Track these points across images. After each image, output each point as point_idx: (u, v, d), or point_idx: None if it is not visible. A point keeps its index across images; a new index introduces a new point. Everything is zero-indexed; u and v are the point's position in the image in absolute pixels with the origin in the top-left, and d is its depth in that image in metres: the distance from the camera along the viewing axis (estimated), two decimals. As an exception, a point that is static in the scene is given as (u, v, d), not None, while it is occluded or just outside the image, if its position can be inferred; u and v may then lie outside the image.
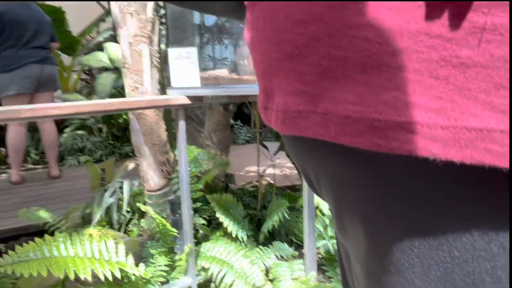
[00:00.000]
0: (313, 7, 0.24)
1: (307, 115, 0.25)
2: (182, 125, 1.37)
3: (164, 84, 1.91)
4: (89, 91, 4.19)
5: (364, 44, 0.22)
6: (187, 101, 1.32)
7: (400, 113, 0.21)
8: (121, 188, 1.85)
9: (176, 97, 1.31)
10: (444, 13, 0.19)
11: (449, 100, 0.19)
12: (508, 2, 0.18)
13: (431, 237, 0.22)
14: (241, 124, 4.69)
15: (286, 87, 0.26)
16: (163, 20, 1.84)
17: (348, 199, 0.26)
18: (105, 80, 3.47)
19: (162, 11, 1.86)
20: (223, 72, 1.44)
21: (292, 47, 0.25)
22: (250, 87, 1.30)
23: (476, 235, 0.21)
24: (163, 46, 2.18)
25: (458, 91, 0.19)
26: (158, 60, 1.74)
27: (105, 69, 3.59)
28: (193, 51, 1.34)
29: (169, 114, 2.23)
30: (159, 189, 1.72)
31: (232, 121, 4.30)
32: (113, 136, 3.77)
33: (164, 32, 2.15)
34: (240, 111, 4.70)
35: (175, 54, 1.33)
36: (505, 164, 0.18)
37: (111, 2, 1.70)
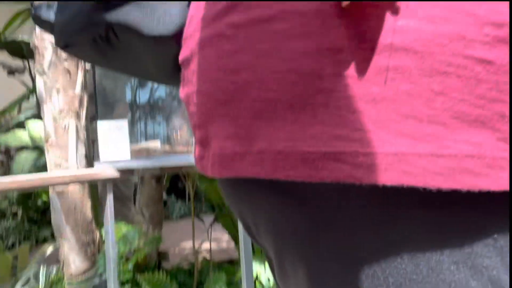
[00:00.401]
0: (242, 57, 0.26)
1: (243, 156, 0.26)
2: (110, 199, 1.30)
3: (90, 159, 1.83)
4: (4, 172, 3.82)
5: (290, 87, 0.24)
6: (116, 174, 1.27)
7: (327, 145, 0.23)
8: (37, 276, 1.64)
9: (104, 170, 1.26)
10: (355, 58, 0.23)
11: (366, 130, 0.22)
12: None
13: (365, 266, 0.23)
14: (175, 199, 4.55)
15: (222, 133, 0.28)
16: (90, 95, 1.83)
17: (287, 241, 0.27)
18: (24, 160, 3.22)
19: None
20: (155, 143, 1.43)
21: (225, 94, 0.27)
22: (184, 157, 1.30)
23: (406, 258, 0.22)
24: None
25: (373, 123, 0.22)
26: (84, 134, 1.69)
27: (24, 148, 3.35)
28: (123, 123, 1.33)
29: (95, 190, 2.11)
30: (82, 273, 1.55)
31: (165, 196, 4.17)
32: (30, 219, 3.40)
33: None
34: (174, 185, 4.59)
35: (104, 126, 1.31)
36: (420, 183, 0.20)
37: (37, 79, 1.66)
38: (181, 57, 0.32)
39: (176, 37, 0.33)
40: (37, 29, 1.60)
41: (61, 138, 1.59)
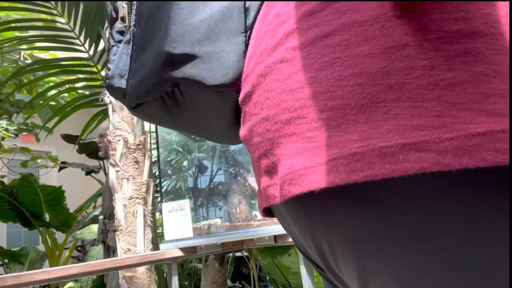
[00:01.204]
0: (305, 74, 0.26)
1: (314, 168, 0.25)
2: (175, 280, 1.29)
3: (157, 244, 1.88)
4: (80, 268, 3.99)
5: (357, 89, 0.24)
6: (180, 254, 1.29)
7: (405, 136, 0.22)
8: None
9: (169, 250, 1.28)
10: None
11: (447, 115, 0.21)
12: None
13: (469, 263, 0.21)
14: (241, 285, 4.37)
15: (290, 152, 0.27)
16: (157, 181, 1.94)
17: (369, 253, 0.25)
18: (97, 252, 3.38)
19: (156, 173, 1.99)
20: (215, 221, 1.45)
21: (290, 112, 0.27)
22: (244, 232, 1.29)
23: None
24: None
25: (453, 106, 0.21)
26: (151, 219, 1.76)
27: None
28: (185, 203, 1.38)
29: (160, 276, 2.11)
30: None
31: (230, 283, 4.03)
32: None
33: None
34: (238, 271, 4.45)
35: (168, 207, 1.37)
36: None
37: (110, 172, 1.83)
38: (241, 95, 0.34)
39: (236, 84, 0.36)
40: (111, 126, 1.81)
41: (130, 225, 1.68)
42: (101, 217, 2.40)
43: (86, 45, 2.15)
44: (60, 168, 3.31)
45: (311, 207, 0.28)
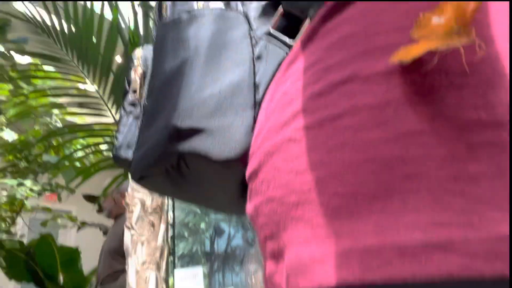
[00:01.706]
0: (313, 156, 0.25)
1: (324, 260, 0.22)
2: None
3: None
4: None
5: (370, 176, 0.22)
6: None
7: (427, 234, 0.19)
8: None
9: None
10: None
11: (474, 212, 0.19)
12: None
13: None
14: None
15: (297, 238, 0.25)
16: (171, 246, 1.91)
17: None
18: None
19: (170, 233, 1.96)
20: (229, 291, 1.39)
21: (298, 195, 0.25)
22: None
23: None
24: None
25: (480, 203, 0.19)
26: (164, 286, 1.71)
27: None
28: (199, 271, 1.34)
29: None
30: None
31: None
32: None
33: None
34: None
35: (181, 275, 1.33)
36: None
37: (125, 235, 1.82)
38: (248, 171, 0.33)
39: (242, 159, 0.35)
40: (129, 189, 1.84)
41: (141, 291, 1.62)
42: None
43: (113, 111, 2.28)
44: (79, 228, 3.32)
45: None
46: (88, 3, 1.89)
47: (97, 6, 1.93)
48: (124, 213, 2.29)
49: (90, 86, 2.09)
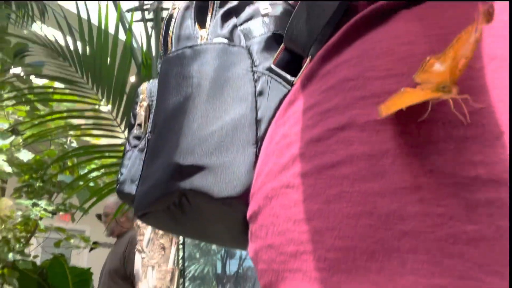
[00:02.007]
0: (311, 205, 0.25)
1: None
2: None
3: None
4: None
5: (368, 231, 0.22)
6: None
7: None
8: None
9: None
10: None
11: (472, 278, 0.19)
12: None
13: None
14: None
15: None
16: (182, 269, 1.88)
17: None
18: None
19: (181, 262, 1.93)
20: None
21: (296, 246, 0.25)
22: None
23: None
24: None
25: (478, 267, 0.19)
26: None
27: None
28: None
29: None
30: None
31: None
32: None
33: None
34: None
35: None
36: None
37: (136, 259, 1.80)
38: (249, 212, 0.33)
39: (244, 197, 0.35)
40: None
41: (151, 317, 1.59)
42: None
43: (126, 132, 2.29)
44: (91, 249, 3.32)
45: None
46: (103, 25, 1.93)
47: (111, 27, 1.97)
48: (126, 232, 2.27)
49: (104, 108, 2.12)
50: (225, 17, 0.44)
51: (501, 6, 0.25)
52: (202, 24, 0.44)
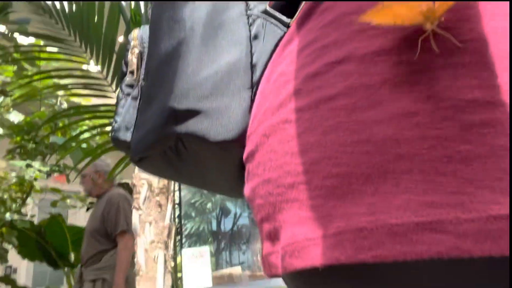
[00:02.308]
0: (309, 137, 0.25)
1: (318, 240, 0.23)
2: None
3: (177, 291, 1.84)
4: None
5: (364, 157, 0.22)
6: (199, 304, 1.25)
7: (418, 214, 0.20)
8: None
9: (188, 299, 1.25)
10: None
11: (465, 193, 0.19)
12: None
13: None
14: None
15: (292, 219, 0.25)
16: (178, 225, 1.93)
17: None
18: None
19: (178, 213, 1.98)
20: (236, 270, 1.41)
21: (293, 177, 0.26)
22: (265, 282, 1.25)
23: None
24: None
25: (470, 183, 0.19)
26: (172, 265, 1.74)
27: None
28: (206, 250, 1.36)
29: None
30: None
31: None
32: None
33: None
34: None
35: (188, 254, 1.35)
36: None
37: (133, 215, 1.84)
38: (246, 152, 0.33)
39: (240, 140, 0.35)
40: (136, 170, 1.85)
41: (151, 270, 1.66)
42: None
43: (117, 91, 2.26)
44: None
45: (315, 283, 0.25)
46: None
47: (98, -16, 1.89)
48: (105, 192, 2.29)
49: (93, 67, 2.07)
50: None
51: None
52: None
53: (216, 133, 0.35)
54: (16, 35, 2.18)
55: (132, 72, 0.47)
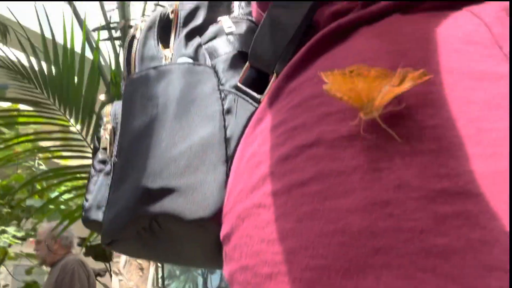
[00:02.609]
0: (284, 224, 0.25)
1: None
2: None
3: None
4: None
5: (341, 249, 0.22)
6: None
7: None
8: None
9: None
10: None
11: None
12: None
13: None
14: None
15: None
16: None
17: None
18: None
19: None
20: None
21: (271, 267, 0.25)
22: None
23: None
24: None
25: (452, 281, 0.19)
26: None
27: None
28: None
29: None
30: None
31: None
32: None
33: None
34: None
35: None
36: None
37: (112, 281, 1.75)
38: (222, 234, 0.32)
39: (217, 218, 0.34)
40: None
41: None
42: None
43: (98, 151, 2.24)
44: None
45: None
46: (68, 44, 1.89)
47: (77, 47, 1.94)
48: (60, 260, 2.14)
49: (73, 129, 2.06)
50: (189, 37, 0.44)
51: (444, 26, 0.25)
52: (165, 44, 0.44)
53: (192, 211, 0.34)
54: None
55: (105, 149, 0.47)
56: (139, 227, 0.37)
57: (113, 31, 2.17)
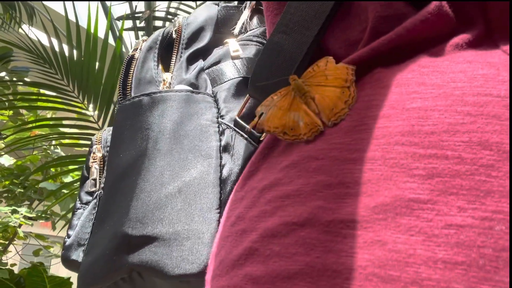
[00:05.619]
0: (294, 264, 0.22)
1: None
2: None
3: None
4: None
5: None
6: None
7: None
8: None
9: None
10: None
11: None
12: None
13: None
14: None
15: None
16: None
17: None
18: None
19: None
20: None
21: None
22: None
23: None
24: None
25: None
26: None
27: None
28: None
29: None
30: None
31: None
32: None
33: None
34: None
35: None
36: None
37: None
38: None
39: (203, 274, 0.30)
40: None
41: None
42: None
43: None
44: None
45: None
46: (92, 29, 1.87)
47: (100, 33, 1.92)
48: None
49: (90, 118, 2.06)
50: (191, 59, 0.40)
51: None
52: (166, 66, 0.40)
53: (175, 265, 0.30)
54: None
55: (94, 179, 0.43)
56: (117, 277, 0.34)
57: (137, 21, 2.14)
